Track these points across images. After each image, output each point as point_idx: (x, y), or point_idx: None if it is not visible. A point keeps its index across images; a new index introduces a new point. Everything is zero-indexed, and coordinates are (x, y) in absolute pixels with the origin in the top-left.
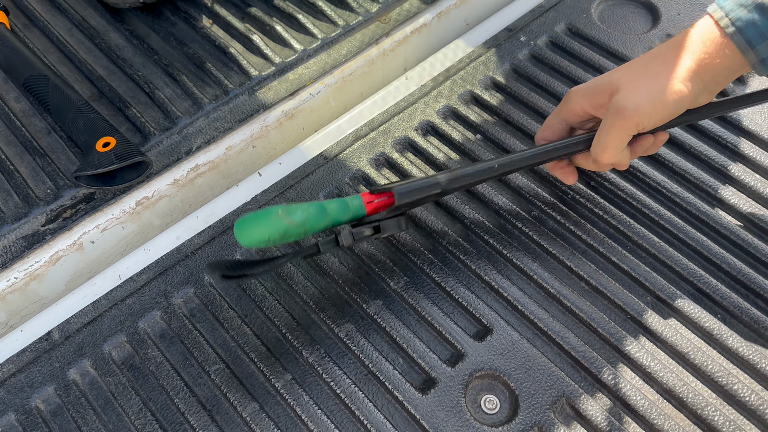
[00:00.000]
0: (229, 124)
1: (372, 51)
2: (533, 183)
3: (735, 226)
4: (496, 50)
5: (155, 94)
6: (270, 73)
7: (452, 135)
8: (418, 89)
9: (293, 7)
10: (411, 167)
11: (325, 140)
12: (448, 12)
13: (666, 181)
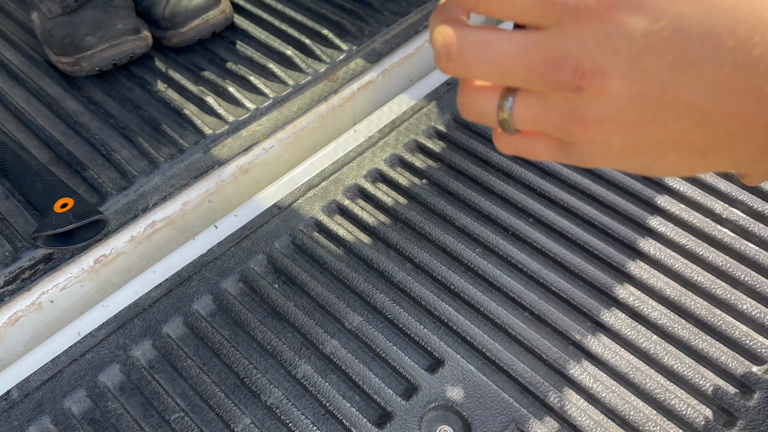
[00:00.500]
0: (184, 180)
1: (321, 107)
2: (476, 221)
3: (666, 252)
4: (437, 102)
5: (112, 155)
6: (224, 131)
7: (399, 181)
8: (366, 140)
9: (245, 69)
10: (362, 212)
11: (279, 191)
12: (392, 70)
13: (598, 214)
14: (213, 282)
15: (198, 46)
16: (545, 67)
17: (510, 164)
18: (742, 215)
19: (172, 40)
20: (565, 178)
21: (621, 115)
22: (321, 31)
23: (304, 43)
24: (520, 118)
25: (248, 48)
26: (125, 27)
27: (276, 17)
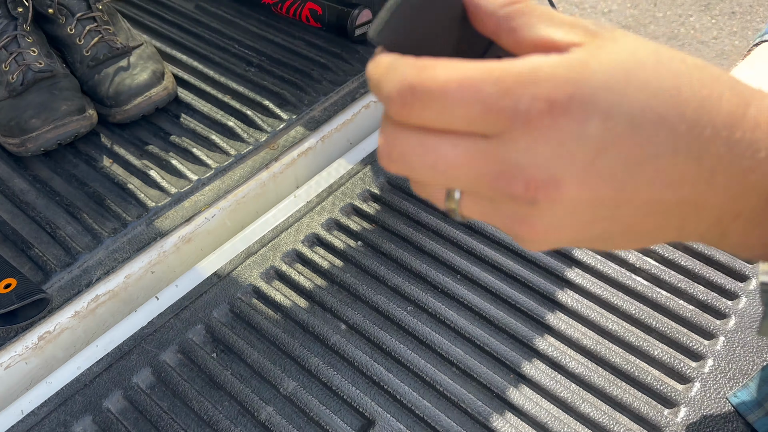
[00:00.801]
0: (127, 254)
1: (263, 174)
2: (408, 281)
3: (583, 303)
4: (372, 166)
5: (57, 233)
6: (167, 203)
7: (335, 244)
8: (305, 205)
9: (188, 141)
10: (299, 276)
11: (220, 260)
12: (330, 135)
13: (519, 268)
14: (152, 354)
15: (143, 121)
16: (495, 179)
17: (439, 223)
18: (655, 264)
19: (117, 117)
20: (490, 235)
21: (575, 218)
22: (262, 102)
23: (245, 114)
24: (468, 211)
25: (192, 120)
26: (69, 108)
27: (219, 90)
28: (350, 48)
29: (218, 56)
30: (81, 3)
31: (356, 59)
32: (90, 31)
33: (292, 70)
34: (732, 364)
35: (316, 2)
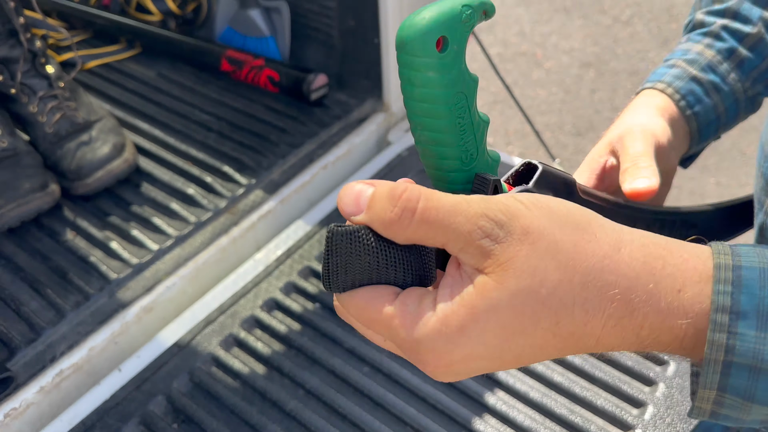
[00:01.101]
0: (90, 326)
1: (223, 240)
2: (363, 341)
3: None
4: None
5: (21, 309)
6: (128, 273)
7: (293, 307)
8: (264, 270)
9: (149, 210)
10: (257, 343)
11: (181, 329)
12: (290, 197)
13: None
14: (115, 428)
15: (105, 192)
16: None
17: None
18: None
19: (79, 190)
20: None
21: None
22: (222, 167)
23: (205, 180)
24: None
25: (152, 189)
26: (32, 185)
27: (179, 157)
28: (307, 111)
29: (179, 123)
30: (43, 81)
31: (313, 122)
32: (52, 108)
33: (250, 134)
34: (671, 409)
35: (273, 68)
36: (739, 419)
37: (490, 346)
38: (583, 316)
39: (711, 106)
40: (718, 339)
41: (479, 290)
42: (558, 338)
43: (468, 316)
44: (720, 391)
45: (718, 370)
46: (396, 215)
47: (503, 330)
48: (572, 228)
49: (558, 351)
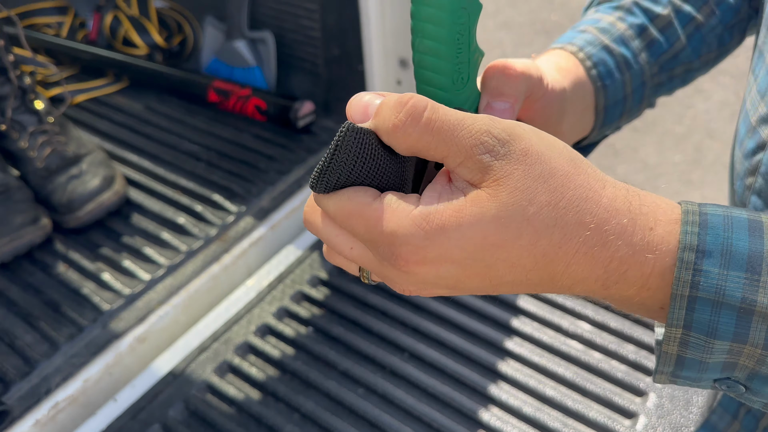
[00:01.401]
0: (85, 358)
1: (214, 268)
2: (357, 363)
3: (523, 372)
4: (319, 251)
5: (15, 343)
6: (120, 304)
7: (286, 332)
8: (256, 296)
9: (140, 240)
10: (251, 368)
11: (175, 357)
12: (280, 224)
13: (463, 341)
14: None
15: (96, 224)
16: (379, 276)
17: (386, 303)
18: (588, 328)
19: (71, 223)
20: (433, 311)
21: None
22: (212, 196)
23: (195, 209)
24: (375, 278)
25: (143, 220)
26: (24, 220)
27: (169, 187)
28: (295, 138)
29: (168, 154)
30: (32, 117)
31: (301, 148)
32: (42, 143)
33: (239, 162)
34: (662, 419)
35: (260, 97)
36: (702, 366)
37: (465, 251)
38: (560, 238)
39: (620, 83)
40: (684, 276)
41: (470, 199)
42: (531, 258)
43: (452, 218)
44: (685, 329)
45: (683, 306)
46: (401, 121)
47: (483, 239)
48: (566, 160)
49: (526, 273)
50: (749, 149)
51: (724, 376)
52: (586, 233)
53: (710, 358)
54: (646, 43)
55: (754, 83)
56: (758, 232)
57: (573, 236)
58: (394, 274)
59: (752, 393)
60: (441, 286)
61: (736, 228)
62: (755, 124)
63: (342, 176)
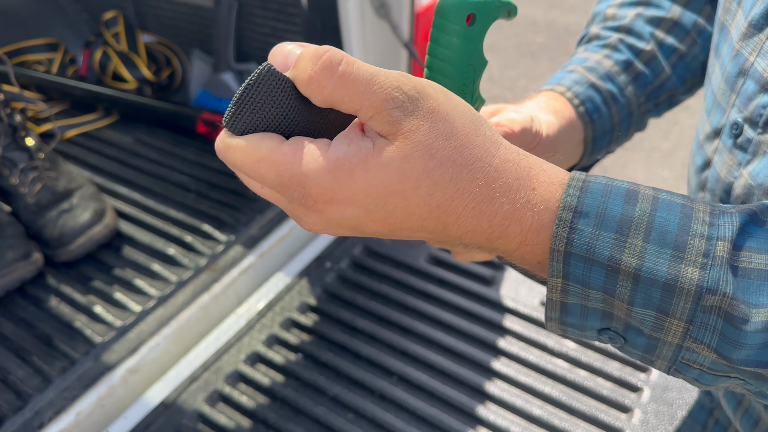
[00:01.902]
0: (77, 391)
1: (204, 298)
2: (346, 388)
3: (510, 392)
4: (308, 278)
5: (8, 378)
6: (112, 336)
7: (276, 359)
8: (246, 324)
9: (131, 272)
10: (241, 397)
11: (166, 387)
12: (269, 251)
13: (450, 363)
14: None
15: (87, 258)
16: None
17: (374, 327)
18: (573, 346)
19: (62, 257)
20: (421, 333)
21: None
22: (201, 226)
23: (185, 240)
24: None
25: (134, 251)
26: (15, 255)
27: (159, 218)
28: None
29: (158, 186)
30: (23, 154)
31: None
32: (33, 179)
33: (228, 192)
34: None
35: None
36: (583, 311)
37: (369, 197)
38: (453, 192)
39: (607, 116)
40: (560, 233)
41: (377, 148)
42: (427, 208)
43: (359, 165)
44: (564, 279)
45: (560, 259)
46: (316, 73)
47: (386, 187)
48: (469, 121)
49: (422, 221)
50: (698, 165)
51: (604, 326)
52: (476, 190)
53: (589, 304)
54: (632, 77)
55: (703, 102)
56: (632, 200)
57: (465, 192)
58: (303, 212)
59: (630, 345)
60: (344, 227)
61: (613, 195)
62: (702, 142)
63: (255, 118)
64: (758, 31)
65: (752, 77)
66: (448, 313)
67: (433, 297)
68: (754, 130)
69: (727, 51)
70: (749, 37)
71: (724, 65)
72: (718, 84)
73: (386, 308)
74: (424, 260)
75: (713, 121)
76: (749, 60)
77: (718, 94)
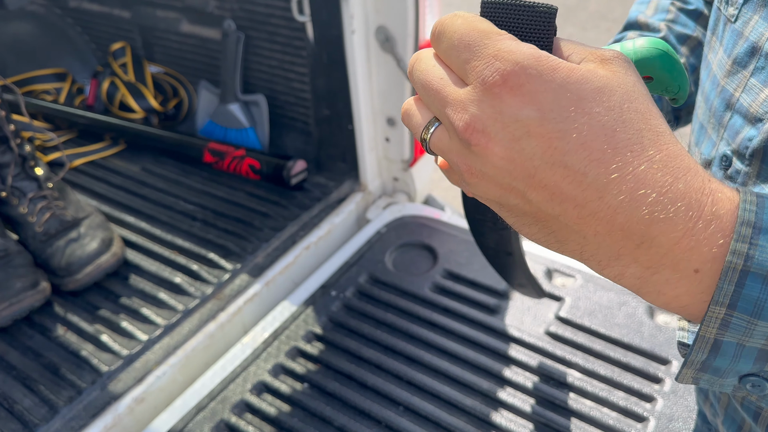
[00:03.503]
0: (83, 420)
1: (210, 326)
2: (352, 419)
3: (518, 423)
4: (314, 306)
5: (14, 407)
6: (119, 365)
7: (282, 389)
8: (252, 353)
9: (138, 301)
10: (248, 427)
11: (172, 418)
12: (275, 279)
13: (457, 394)
14: None
15: (94, 286)
16: (451, 111)
17: (380, 357)
18: (578, 376)
19: (69, 286)
20: (427, 363)
21: (497, 176)
22: (207, 255)
23: (191, 268)
24: (434, 144)
25: (141, 280)
26: (23, 284)
27: (166, 247)
28: (288, 195)
29: (164, 215)
30: (32, 183)
31: (294, 205)
32: (41, 208)
33: (234, 221)
34: None
35: (254, 157)
36: (737, 351)
37: (556, 101)
38: (632, 143)
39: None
40: (740, 248)
41: (586, 64)
42: (603, 144)
43: (565, 68)
44: (729, 308)
45: (734, 280)
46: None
47: (579, 101)
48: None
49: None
50: None
51: (754, 370)
52: (657, 156)
53: (749, 341)
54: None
55: (691, 135)
56: None
57: (644, 148)
58: (479, 96)
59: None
60: (507, 132)
61: None
62: None
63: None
64: (742, 68)
65: (739, 112)
66: (453, 342)
67: (439, 326)
68: (742, 162)
69: (712, 87)
70: (733, 74)
71: (710, 100)
72: (707, 118)
73: (392, 337)
74: (429, 289)
75: (703, 153)
76: (735, 96)
77: (708, 127)
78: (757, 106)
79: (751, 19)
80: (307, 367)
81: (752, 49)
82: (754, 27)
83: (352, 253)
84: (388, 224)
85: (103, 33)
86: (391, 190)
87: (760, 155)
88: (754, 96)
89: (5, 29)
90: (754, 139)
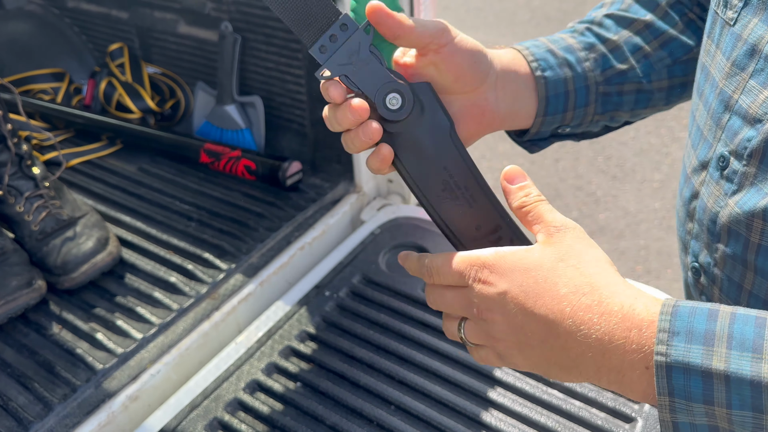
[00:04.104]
0: (78, 418)
1: (204, 325)
2: (345, 417)
3: (506, 422)
4: (307, 306)
5: (9, 404)
6: (113, 363)
7: (275, 388)
8: (246, 352)
9: (133, 300)
10: (241, 425)
11: (166, 415)
12: (269, 279)
13: (448, 394)
14: None
15: (90, 285)
16: (467, 307)
17: (372, 356)
18: None
19: (65, 284)
20: (419, 363)
21: (506, 337)
22: (202, 254)
23: (186, 268)
24: (470, 336)
25: (136, 279)
26: (19, 282)
27: (161, 247)
28: (283, 196)
29: (160, 215)
30: (29, 182)
31: (289, 205)
32: (38, 207)
33: (230, 221)
34: None
35: (249, 158)
36: (693, 429)
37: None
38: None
39: (562, 78)
40: (660, 349)
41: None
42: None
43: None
44: (669, 396)
45: (663, 374)
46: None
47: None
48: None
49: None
50: (686, 198)
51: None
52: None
53: (696, 420)
54: (592, 56)
55: (689, 138)
56: (713, 318)
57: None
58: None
59: None
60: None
61: (697, 315)
62: (690, 175)
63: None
64: (741, 70)
65: (737, 113)
66: (445, 342)
67: (431, 326)
68: (740, 162)
69: (710, 89)
70: (732, 76)
71: (708, 102)
72: (704, 120)
73: (384, 337)
74: (421, 290)
75: (700, 155)
76: (733, 97)
77: (704, 129)
78: (756, 107)
79: (750, 22)
80: (300, 366)
81: (752, 52)
82: (753, 30)
83: (346, 253)
84: (382, 225)
85: (101, 33)
86: (385, 191)
87: (758, 155)
88: (754, 97)
89: (3, 29)
90: (753, 139)
